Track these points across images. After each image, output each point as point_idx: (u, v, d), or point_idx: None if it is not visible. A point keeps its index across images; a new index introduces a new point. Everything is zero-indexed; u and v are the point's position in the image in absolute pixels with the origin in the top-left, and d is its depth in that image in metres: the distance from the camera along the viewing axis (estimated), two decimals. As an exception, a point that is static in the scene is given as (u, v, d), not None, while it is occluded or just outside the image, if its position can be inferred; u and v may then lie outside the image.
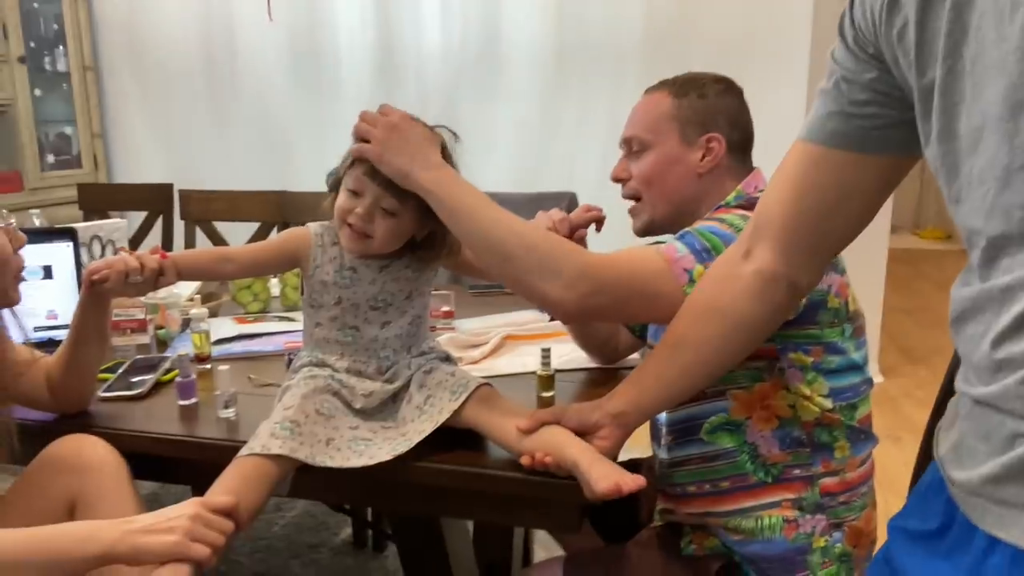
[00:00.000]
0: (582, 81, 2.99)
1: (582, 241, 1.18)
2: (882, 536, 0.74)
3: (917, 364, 3.55)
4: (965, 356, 0.63)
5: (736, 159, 1.13)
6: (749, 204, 1.05)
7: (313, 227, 1.10)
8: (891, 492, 0.76)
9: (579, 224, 1.18)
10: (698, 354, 0.94)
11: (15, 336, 1.12)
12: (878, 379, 3.30)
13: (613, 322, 1.26)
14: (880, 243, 3.15)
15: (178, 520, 0.84)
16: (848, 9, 0.71)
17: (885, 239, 3.19)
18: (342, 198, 1.04)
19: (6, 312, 1.09)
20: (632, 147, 1.15)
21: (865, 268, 2.79)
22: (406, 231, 1.06)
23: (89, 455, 1.05)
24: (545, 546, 1.90)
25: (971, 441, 0.61)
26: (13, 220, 1.12)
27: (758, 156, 1.19)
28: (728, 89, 1.15)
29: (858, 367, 1.04)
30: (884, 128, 0.73)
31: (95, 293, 1.06)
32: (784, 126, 1.93)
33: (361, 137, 1.01)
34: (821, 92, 0.77)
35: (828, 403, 1.00)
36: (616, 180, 1.18)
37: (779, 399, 1.01)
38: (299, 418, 0.99)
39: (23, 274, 1.08)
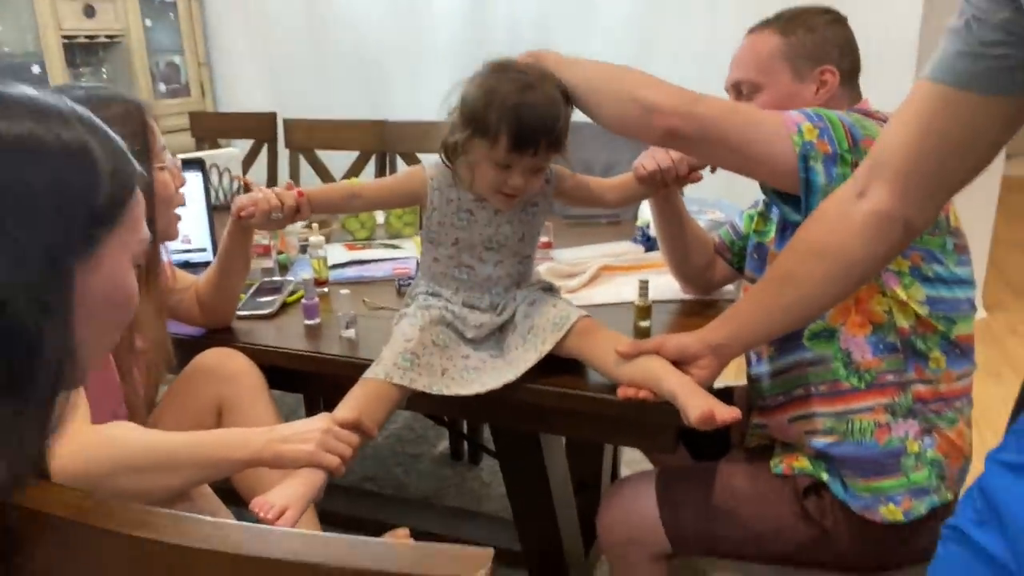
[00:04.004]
0: (678, 5, 2.89)
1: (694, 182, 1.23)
2: (978, 470, 0.77)
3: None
4: None
5: (848, 88, 1.14)
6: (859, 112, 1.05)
7: (428, 170, 1.13)
8: (988, 429, 0.78)
9: (696, 166, 1.21)
10: (803, 292, 0.95)
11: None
12: (981, 314, 3.18)
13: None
14: (994, 169, 2.97)
15: (313, 432, 0.95)
16: None
17: (999, 165, 3.00)
18: (489, 172, 1.05)
19: None
20: (742, 90, 1.16)
21: (975, 197, 2.65)
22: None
23: (232, 366, 1.18)
24: (630, 465, 1.99)
25: None
26: (178, 159, 1.17)
27: (864, 83, 1.17)
28: (836, 20, 1.14)
29: (959, 282, 1.02)
30: (1013, 69, 0.72)
31: (241, 226, 1.18)
32: (893, 51, 1.84)
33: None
34: (950, 31, 0.75)
35: (924, 310, 1.00)
36: None
37: (874, 304, 1.01)
38: (418, 350, 1.08)
39: None
